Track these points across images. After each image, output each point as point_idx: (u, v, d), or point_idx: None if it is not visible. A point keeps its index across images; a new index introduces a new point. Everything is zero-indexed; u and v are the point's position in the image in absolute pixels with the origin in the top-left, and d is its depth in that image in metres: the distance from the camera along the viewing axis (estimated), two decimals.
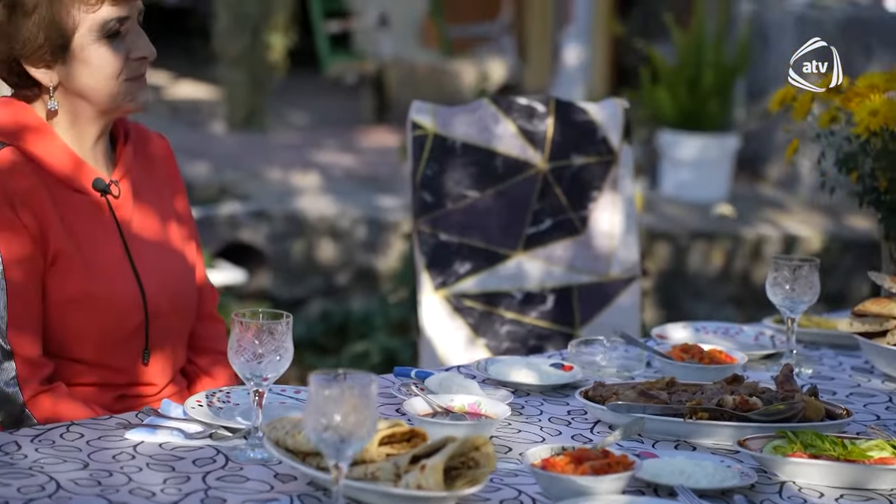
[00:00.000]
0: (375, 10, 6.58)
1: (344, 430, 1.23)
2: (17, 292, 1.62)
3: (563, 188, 2.34)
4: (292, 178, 4.80)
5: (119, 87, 1.70)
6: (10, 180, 1.63)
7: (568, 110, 2.34)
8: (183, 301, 1.80)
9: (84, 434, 1.49)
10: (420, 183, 2.26)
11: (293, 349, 1.47)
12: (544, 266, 2.34)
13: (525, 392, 1.72)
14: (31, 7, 1.64)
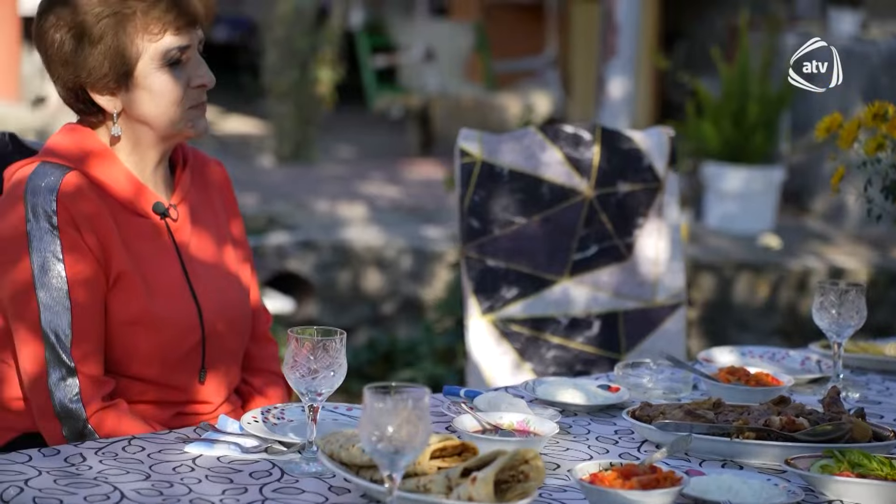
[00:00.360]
0: (422, 45, 6.67)
1: (398, 441, 1.26)
2: (81, 311, 1.68)
3: (608, 215, 2.37)
4: (339, 209, 4.87)
5: (180, 113, 1.76)
6: (75, 204, 1.69)
7: (614, 138, 2.38)
8: (238, 322, 1.85)
9: (145, 447, 1.54)
10: (468, 209, 2.30)
11: (347, 366, 1.51)
12: (590, 292, 2.36)
13: (572, 412, 1.74)
14: (98, 37, 1.71)
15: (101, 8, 1.69)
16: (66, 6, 1.70)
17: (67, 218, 1.68)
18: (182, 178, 1.83)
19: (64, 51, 1.72)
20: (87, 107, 1.77)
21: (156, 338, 1.73)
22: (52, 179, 1.69)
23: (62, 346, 1.66)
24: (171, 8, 1.72)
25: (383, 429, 1.27)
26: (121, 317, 1.72)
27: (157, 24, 1.71)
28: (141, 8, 1.70)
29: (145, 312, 1.72)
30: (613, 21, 4.18)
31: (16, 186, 1.71)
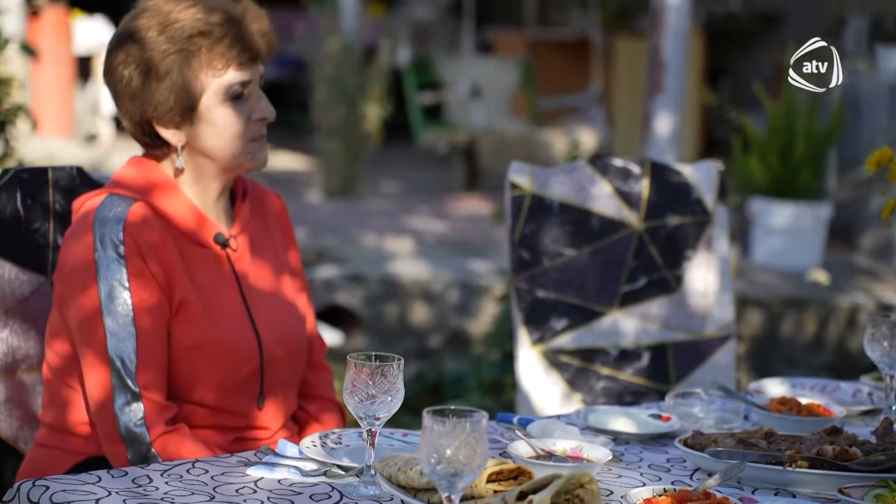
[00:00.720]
0: (468, 82, 6.75)
1: (456, 463, 1.29)
2: (145, 338, 1.73)
3: (658, 247, 2.39)
4: (386, 243, 4.93)
5: (241, 146, 1.81)
6: (140, 233, 1.74)
7: (663, 172, 2.41)
8: (295, 349, 1.89)
9: (208, 470, 1.58)
10: (518, 241, 2.34)
11: (404, 391, 1.55)
12: (639, 323, 2.38)
13: (624, 440, 1.76)
14: (164, 72, 1.77)
15: (168, 45, 1.76)
16: (134, 43, 1.77)
17: (133, 247, 1.73)
18: (242, 209, 1.88)
19: (132, 86, 1.78)
20: (153, 140, 1.83)
21: (216, 364, 1.78)
22: (119, 210, 1.75)
23: (127, 371, 1.71)
24: (234, 44, 1.78)
25: (442, 451, 1.30)
26: (183, 343, 1.76)
27: (220, 60, 1.77)
28: (205, 45, 1.77)
29: (206, 339, 1.77)
30: (660, 57, 4.21)
31: (84, 217, 1.77)
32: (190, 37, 1.76)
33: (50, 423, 1.82)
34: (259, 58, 1.82)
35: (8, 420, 1.90)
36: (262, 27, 1.82)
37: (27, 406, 1.92)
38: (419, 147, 7.14)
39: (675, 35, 4.19)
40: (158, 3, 1.78)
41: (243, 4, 1.81)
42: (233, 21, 1.78)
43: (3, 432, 1.89)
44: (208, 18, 1.76)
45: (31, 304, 1.92)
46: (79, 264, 1.74)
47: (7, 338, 1.90)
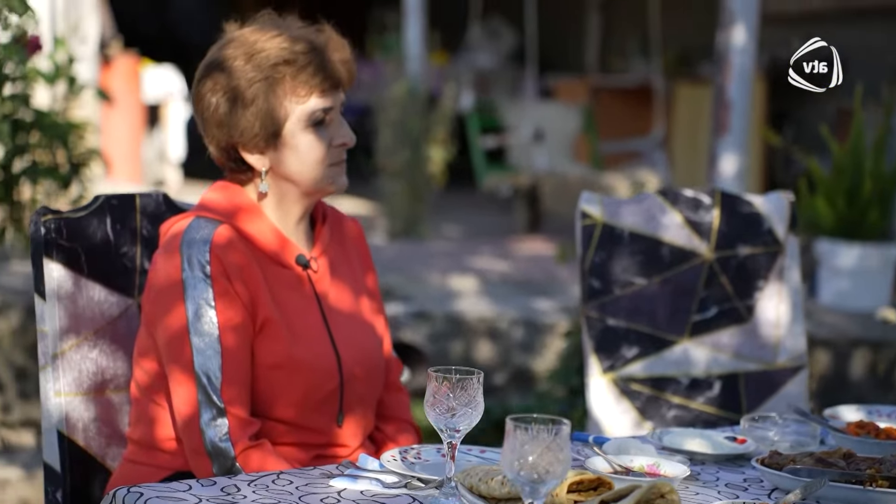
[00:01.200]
0: (530, 126, 6.81)
1: (539, 469, 1.32)
2: (230, 355, 1.78)
3: (728, 277, 2.40)
4: (451, 281, 4.97)
5: (322, 171, 1.87)
6: (226, 255, 1.80)
7: (734, 202, 2.42)
8: (373, 368, 1.93)
9: (293, 481, 1.62)
10: (588, 270, 2.36)
11: (484, 405, 1.58)
12: (710, 353, 2.39)
13: (700, 461, 1.77)
14: (250, 100, 1.84)
15: (254, 73, 1.83)
16: (222, 72, 1.85)
17: (219, 268, 1.79)
18: (322, 232, 1.94)
19: (219, 113, 1.85)
20: (238, 165, 1.89)
21: (297, 381, 1.83)
22: (206, 232, 1.81)
23: (213, 387, 1.76)
24: (317, 72, 1.84)
25: (525, 457, 1.33)
26: (266, 361, 1.81)
27: (304, 87, 1.84)
28: (290, 73, 1.83)
29: (288, 357, 1.82)
30: (726, 98, 4.23)
31: (173, 239, 1.84)
32: (275, 65, 1.82)
33: (138, 439, 1.87)
34: (340, 85, 1.88)
35: (97, 438, 1.96)
36: (344, 56, 1.88)
37: (115, 424, 1.98)
38: (481, 190, 7.20)
39: (740, 75, 4.21)
40: (245, 33, 1.86)
41: (326, 34, 1.88)
42: (316, 50, 1.84)
43: (93, 450, 1.95)
44: (293, 47, 1.83)
45: (119, 325, 1.99)
46: (167, 284, 1.80)
47: (97, 358, 1.97)
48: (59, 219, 1.95)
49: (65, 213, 1.96)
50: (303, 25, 1.87)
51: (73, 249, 1.95)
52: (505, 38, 9.03)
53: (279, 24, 1.87)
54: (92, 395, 1.96)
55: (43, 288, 1.93)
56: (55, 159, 5.22)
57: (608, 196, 2.43)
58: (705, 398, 2.39)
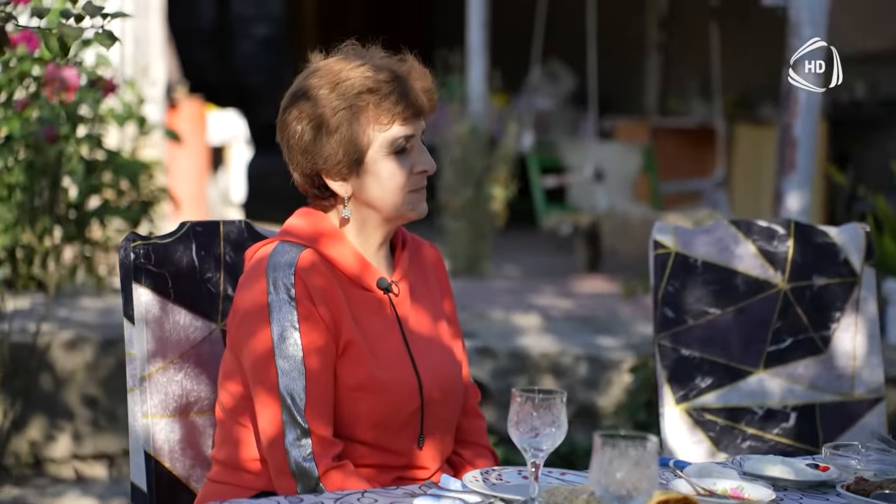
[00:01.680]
0: (591, 166, 6.84)
1: (628, 484, 1.33)
2: (314, 377, 1.81)
3: (803, 308, 2.40)
4: (514, 318, 4.99)
5: (403, 197, 1.90)
6: (310, 278, 1.84)
7: (808, 233, 2.42)
8: (452, 392, 1.96)
9: (377, 500, 1.64)
10: (661, 299, 2.37)
11: (567, 425, 1.59)
12: (786, 384, 2.38)
13: (782, 487, 1.77)
14: (335, 127, 1.88)
15: (339, 101, 1.87)
16: (307, 101, 1.90)
17: (303, 291, 1.83)
18: (401, 257, 1.97)
19: (304, 140, 1.90)
20: (321, 192, 1.93)
21: (379, 403, 1.85)
22: (291, 256, 1.86)
23: (297, 408, 1.79)
24: (399, 101, 1.88)
25: (613, 474, 1.34)
26: (349, 382, 1.84)
27: (386, 115, 1.88)
28: (373, 101, 1.87)
29: (371, 379, 1.85)
30: (791, 136, 4.22)
31: (258, 263, 1.88)
32: (359, 93, 1.87)
33: (223, 459, 1.91)
34: (422, 113, 1.92)
35: (182, 459, 2.00)
36: (426, 84, 1.92)
37: (198, 446, 2.02)
38: (541, 230, 7.23)
39: (806, 113, 4.21)
40: (329, 63, 1.91)
41: (409, 63, 1.92)
42: (399, 79, 1.89)
43: (177, 471, 1.99)
44: (376, 76, 1.87)
45: (203, 349, 2.04)
46: (253, 307, 1.85)
47: (182, 380, 2.01)
48: (147, 244, 2.01)
49: (153, 239, 2.02)
50: (386, 55, 1.92)
51: (160, 275, 2.00)
52: (563, 80, 9.09)
53: (362, 55, 1.91)
54: (177, 417, 2.01)
55: (132, 312, 1.99)
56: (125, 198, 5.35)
57: (681, 226, 2.45)
58: (780, 429, 2.38)
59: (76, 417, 4.12)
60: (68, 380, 4.14)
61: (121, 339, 4.13)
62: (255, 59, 14.05)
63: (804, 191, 4.26)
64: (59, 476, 4.08)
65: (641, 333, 4.82)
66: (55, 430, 4.08)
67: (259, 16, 14.19)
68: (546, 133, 8.29)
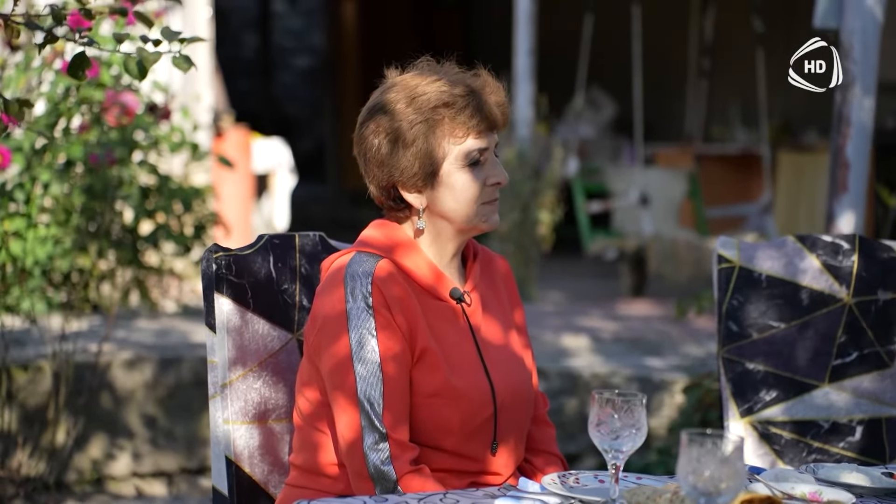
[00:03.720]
0: (636, 191, 6.86)
1: (716, 480, 1.36)
2: (391, 383, 1.85)
3: (868, 322, 2.41)
4: (563, 340, 5.01)
5: (476, 209, 1.95)
6: (386, 287, 1.89)
7: (873, 247, 2.44)
8: (523, 399, 1.99)
9: (459, 500, 1.68)
10: (726, 313, 2.39)
11: (647, 427, 1.62)
12: (851, 398, 2.39)
13: (858, 494, 1.78)
14: (411, 140, 1.93)
15: (415, 115, 1.93)
16: (385, 115, 1.95)
17: (381, 299, 1.88)
18: (473, 269, 2.02)
19: (381, 153, 1.95)
20: (396, 203, 1.98)
21: (454, 409, 1.89)
22: (368, 266, 1.90)
23: (375, 413, 1.84)
24: (474, 115, 1.93)
25: (701, 470, 1.37)
26: (424, 389, 1.88)
27: (462, 128, 1.93)
28: (448, 115, 1.92)
29: (446, 386, 1.88)
30: (844, 158, 4.24)
31: (336, 272, 1.93)
32: (435, 107, 1.92)
33: (301, 464, 1.95)
34: (496, 127, 1.97)
35: (260, 465, 2.05)
36: (499, 99, 1.97)
37: (276, 453, 2.07)
38: (585, 256, 7.25)
39: (858, 135, 4.22)
40: (406, 78, 1.96)
41: (483, 78, 1.97)
42: (473, 93, 1.94)
43: (256, 476, 2.04)
44: (452, 90, 1.92)
45: (280, 358, 2.09)
46: (332, 315, 1.89)
47: (260, 388, 2.06)
48: (228, 255, 2.06)
49: (233, 251, 2.08)
50: (460, 70, 1.97)
51: (240, 285, 2.06)
52: (605, 108, 9.14)
53: (437, 70, 1.97)
54: (256, 423, 2.05)
55: (214, 321, 2.05)
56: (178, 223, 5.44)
57: (744, 241, 2.47)
58: (846, 443, 2.39)
59: (136, 436, 4.19)
60: (128, 399, 4.21)
61: (177, 360, 4.22)
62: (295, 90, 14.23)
63: (856, 212, 4.27)
64: (119, 493, 4.14)
65: (692, 355, 4.82)
66: (115, 448, 4.15)
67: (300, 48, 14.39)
68: (587, 160, 8.33)
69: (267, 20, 14.24)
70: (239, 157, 8.33)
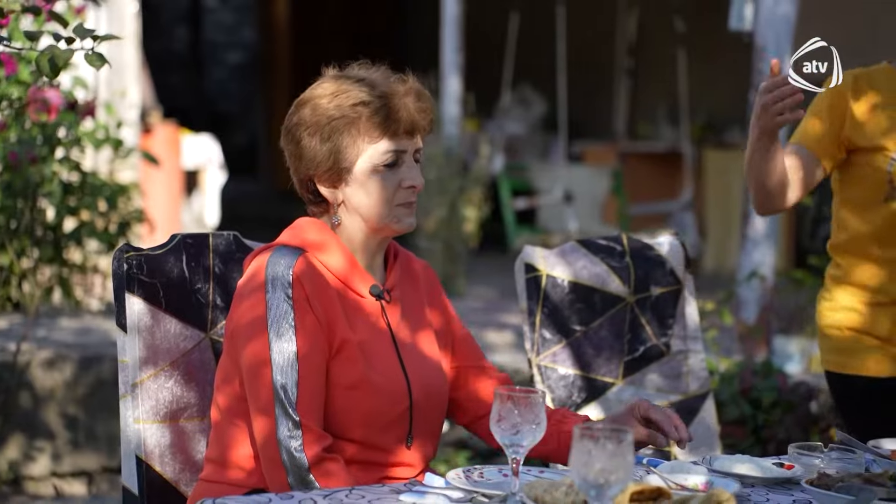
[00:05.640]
0: (560, 189, 6.96)
1: (606, 473, 1.42)
2: (307, 374, 1.88)
3: (646, 318, 2.53)
4: (488, 335, 5.08)
5: (389, 210, 1.98)
6: (306, 281, 1.91)
7: (640, 248, 2.56)
8: (438, 397, 2.03)
9: (365, 496, 1.72)
10: (540, 322, 2.45)
11: (546, 423, 1.68)
12: (639, 391, 2.51)
13: (750, 484, 1.85)
14: (328, 136, 1.96)
15: (334, 112, 1.95)
16: (307, 108, 1.97)
17: (300, 294, 1.90)
18: (394, 269, 2.04)
19: (300, 147, 1.98)
20: (315, 197, 2.01)
21: (370, 402, 1.92)
22: (289, 260, 1.92)
23: (290, 403, 1.86)
24: (391, 117, 1.95)
25: (592, 464, 1.42)
26: (342, 381, 1.91)
27: (377, 129, 1.95)
28: (366, 114, 1.95)
29: (363, 379, 1.92)
30: None
31: (257, 267, 1.94)
32: (353, 105, 1.94)
33: (215, 458, 1.97)
34: (415, 132, 1.99)
35: (172, 464, 2.06)
36: (423, 105, 1.98)
37: (188, 451, 2.08)
38: (511, 251, 7.34)
39: None
40: (334, 77, 1.99)
41: (408, 84, 1.99)
42: (394, 96, 1.95)
43: (167, 474, 2.06)
44: (372, 92, 1.95)
45: (192, 357, 2.10)
46: (252, 309, 1.91)
47: (172, 387, 2.08)
48: (139, 255, 2.07)
49: (145, 251, 2.09)
50: (389, 74, 2.00)
51: (152, 285, 2.07)
52: (534, 105, 9.23)
53: (367, 72, 2.00)
54: (167, 422, 2.07)
55: (124, 321, 2.06)
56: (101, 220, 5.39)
57: (547, 249, 2.54)
58: None
59: (55, 435, 4.15)
60: (47, 398, 4.17)
61: (98, 359, 4.19)
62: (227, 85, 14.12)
63: None
64: (37, 494, 4.10)
65: None
66: (34, 449, 4.11)
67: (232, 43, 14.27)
68: (516, 157, 8.41)
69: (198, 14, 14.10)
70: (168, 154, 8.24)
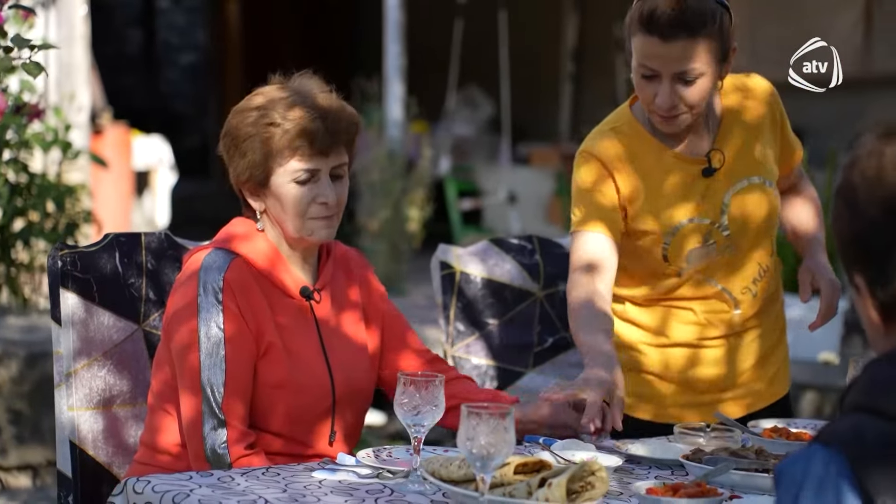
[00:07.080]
0: (505, 189, 7.13)
1: (489, 447, 1.58)
2: (233, 373, 2.00)
3: (556, 311, 2.69)
4: (429, 332, 5.23)
5: (302, 223, 2.06)
6: (237, 283, 2.02)
7: (549, 246, 2.72)
8: (362, 392, 2.14)
9: (280, 473, 1.87)
10: (454, 315, 2.62)
11: (445, 404, 1.84)
12: (548, 379, 2.65)
13: (637, 461, 2.02)
14: (246, 149, 2.07)
15: (251, 129, 2.06)
16: (235, 120, 2.08)
17: (230, 295, 2.01)
18: (325, 268, 2.15)
19: (227, 155, 2.10)
20: (244, 202, 2.14)
21: (295, 400, 2.04)
22: (221, 263, 2.03)
23: (216, 400, 1.99)
24: (304, 135, 2.04)
25: (478, 438, 1.58)
26: (268, 380, 2.04)
27: (288, 149, 2.04)
28: (277, 135, 2.04)
29: (288, 379, 2.04)
30: None
31: (193, 266, 2.06)
32: (270, 124, 2.04)
33: (147, 442, 2.10)
34: (331, 151, 2.07)
35: (105, 448, 2.20)
36: (340, 126, 2.06)
37: (121, 436, 2.22)
38: None
39: None
40: (267, 90, 2.08)
41: (330, 102, 2.07)
42: (313, 117, 2.03)
43: (101, 458, 2.19)
44: (288, 112, 2.04)
45: (125, 348, 2.24)
46: (184, 306, 2.03)
47: (105, 376, 2.22)
48: (73, 253, 2.21)
49: (79, 248, 2.22)
50: (322, 90, 2.08)
51: (86, 280, 2.21)
52: (482, 107, 9.40)
53: (299, 87, 2.07)
54: (101, 409, 2.20)
55: (59, 314, 2.19)
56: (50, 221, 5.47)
57: (459, 248, 2.69)
58: None
59: (1, 430, 4.25)
60: None
61: (44, 355, 4.29)
62: (180, 86, 14.14)
63: None
64: None
65: None
66: None
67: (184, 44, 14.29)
68: (465, 159, 8.57)
69: (151, 16, 14.12)
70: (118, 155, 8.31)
